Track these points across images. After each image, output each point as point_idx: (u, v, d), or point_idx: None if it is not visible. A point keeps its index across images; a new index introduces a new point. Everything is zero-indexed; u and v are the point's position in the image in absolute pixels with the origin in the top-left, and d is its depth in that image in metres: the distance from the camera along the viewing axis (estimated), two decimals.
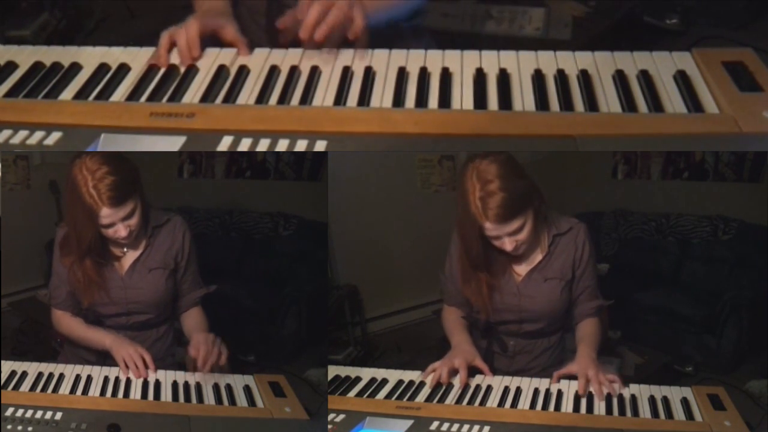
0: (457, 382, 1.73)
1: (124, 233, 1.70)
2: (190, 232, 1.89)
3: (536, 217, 1.71)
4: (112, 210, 1.66)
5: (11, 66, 1.57)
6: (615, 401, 1.64)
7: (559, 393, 1.67)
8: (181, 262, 1.87)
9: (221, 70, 1.54)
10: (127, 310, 1.83)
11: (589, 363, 1.69)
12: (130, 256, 1.82)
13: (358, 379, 1.80)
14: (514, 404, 1.64)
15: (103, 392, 1.66)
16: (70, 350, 1.90)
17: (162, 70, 1.55)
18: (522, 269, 1.81)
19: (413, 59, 1.57)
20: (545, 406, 1.63)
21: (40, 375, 1.72)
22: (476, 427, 1.54)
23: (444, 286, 1.93)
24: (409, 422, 1.57)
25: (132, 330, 1.84)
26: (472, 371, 1.75)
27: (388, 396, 1.71)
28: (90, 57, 1.60)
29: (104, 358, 1.80)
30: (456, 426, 1.55)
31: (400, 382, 1.77)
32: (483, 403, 1.66)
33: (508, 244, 1.69)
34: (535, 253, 1.80)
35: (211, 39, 1.66)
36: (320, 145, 1.32)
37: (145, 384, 1.69)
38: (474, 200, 1.63)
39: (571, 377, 1.71)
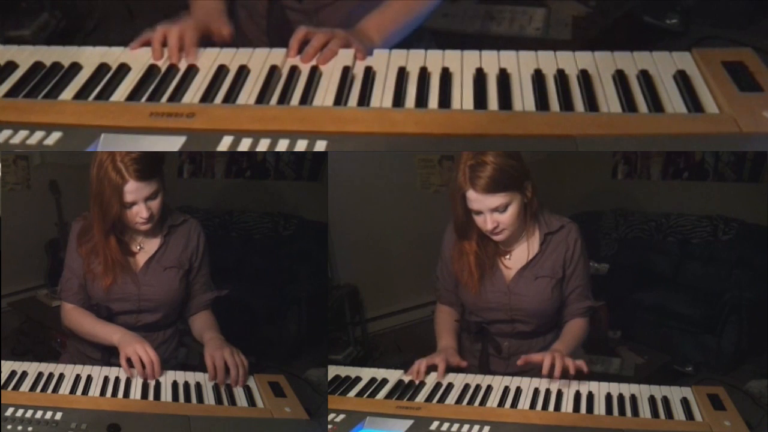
0: (456, 380, 1.75)
1: (146, 214, 1.71)
2: (205, 235, 1.90)
3: (523, 207, 1.73)
4: (137, 184, 1.68)
5: (11, 66, 1.57)
6: (615, 401, 1.64)
7: (559, 393, 1.67)
8: (195, 263, 1.88)
9: (221, 70, 1.54)
10: (139, 307, 1.83)
11: (556, 354, 1.69)
12: (144, 254, 1.83)
13: (358, 379, 1.80)
14: (514, 404, 1.64)
15: (103, 392, 1.66)
16: (74, 348, 1.90)
17: (162, 71, 1.55)
18: (513, 267, 1.81)
19: (413, 59, 1.57)
20: (545, 406, 1.63)
21: (40, 375, 1.72)
22: (476, 427, 1.54)
23: (436, 284, 1.95)
24: (409, 422, 1.57)
25: (139, 331, 1.83)
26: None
27: (388, 396, 1.71)
28: (90, 57, 1.59)
29: (109, 356, 1.80)
30: (456, 426, 1.55)
31: (400, 382, 1.77)
32: (483, 403, 1.66)
33: (489, 222, 1.70)
34: (526, 251, 1.81)
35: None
36: (320, 145, 1.32)
37: (145, 384, 1.69)
38: (464, 168, 1.68)
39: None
